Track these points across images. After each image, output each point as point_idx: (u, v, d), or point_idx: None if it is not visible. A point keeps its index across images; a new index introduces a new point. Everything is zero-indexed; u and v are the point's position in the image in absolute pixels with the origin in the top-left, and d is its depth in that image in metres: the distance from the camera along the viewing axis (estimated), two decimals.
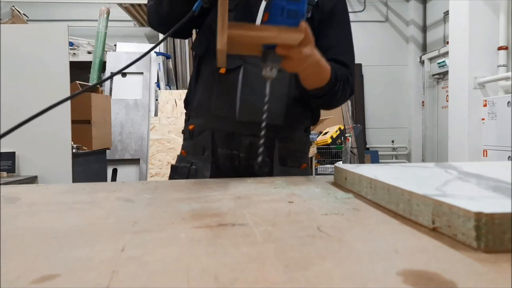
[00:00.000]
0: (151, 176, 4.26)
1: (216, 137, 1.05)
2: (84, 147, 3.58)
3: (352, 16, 7.04)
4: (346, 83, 1.01)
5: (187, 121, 1.15)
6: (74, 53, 5.58)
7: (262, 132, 0.81)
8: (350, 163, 4.72)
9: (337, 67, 0.99)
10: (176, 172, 1.08)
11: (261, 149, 0.82)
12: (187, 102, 1.16)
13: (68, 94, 2.94)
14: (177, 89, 5.45)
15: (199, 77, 1.11)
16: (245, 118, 1.01)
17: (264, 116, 0.81)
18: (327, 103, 1.05)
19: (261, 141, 0.81)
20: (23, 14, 5.11)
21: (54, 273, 0.33)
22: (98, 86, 4.70)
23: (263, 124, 0.81)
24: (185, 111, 1.17)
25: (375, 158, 6.61)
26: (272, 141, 1.04)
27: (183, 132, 1.16)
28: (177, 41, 5.60)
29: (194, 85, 1.13)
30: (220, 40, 0.72)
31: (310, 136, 1.17)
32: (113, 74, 0.78)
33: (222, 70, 1.02)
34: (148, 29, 6.58)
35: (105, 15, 5.46)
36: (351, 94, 1.07)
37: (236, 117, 1.01)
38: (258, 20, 1.03)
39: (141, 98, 5.08)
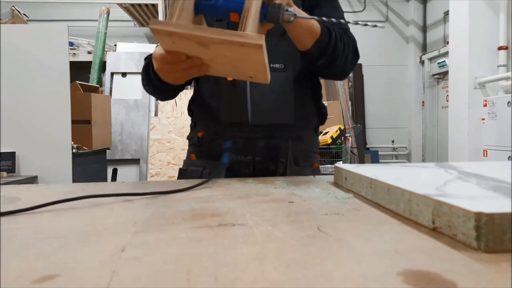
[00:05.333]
0: (151, 176, 4.26)
1: (227, 144, 1.03)
2: (84, 147, 3.58)
3: (352, 16, 7.08)
4: (344, 35, 0.98)
5: (194, 127, 1.13)
6: (74, 53, 5.58)
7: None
8: (350, 163, 4.71)
9: (327, 25, 0.95)
10: (185, 175, 1.07)
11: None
12: (191, 110, 1.14)
13: (68, 94, 2.94)
14: None
15: (201, 84, 1.10)
16: (258, 121, 1.00)
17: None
18: (333, 61, 0.96)
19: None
20: (23, 14, 5.11)
21: (54, 273, 0.33)
22: (98, 86, 4.71)
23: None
24: (190, 118, 1.16)
25: (375, 158, 6.60)
26: (285, 141, 1.04)
27: (188, 138, 1.15)
28: None
29: (198, 92, 1.11)
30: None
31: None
32: None
33: (230, 78, 1.00)
34: (148, 29, 6.57)
35: (105, 15, 5.46)
36: (356, 53, 1.03)
37: (248, 121, 1.00)
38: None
39: (141, 98, 5.08)
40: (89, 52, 5.67)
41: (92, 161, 3.71)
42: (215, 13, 0.74)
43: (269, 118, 1.00)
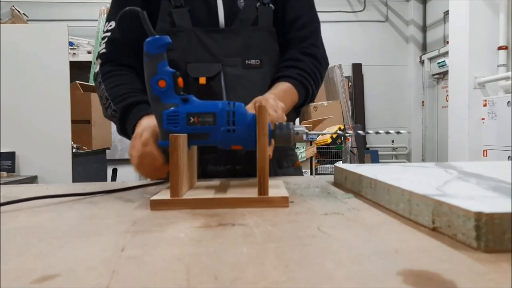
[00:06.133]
0: None
1: (205, 154, 0.94)
2: (84, 147, 3.58)
3: (352, 16, 7.09)
4: (315, 76, 0.98)
5: None
6: (74, 53, 5.57)
7: None
8: (350, 163, 4.72)
9: (298, 70, 0.95)
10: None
11: None
12: None
13: (68, 94, 2.94)
14: None
15: None
16: None
17: None
18: (311, 101, 1.03)
19: None
20: (23, 14, 5.10)
21: (54, 273, 0.33)
22: None
23: None
24: None
25: (375, 158, 6.60)
26: None
27: None
28: None
29: None
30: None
31: (310, 136, 1.15)
32: None
33: (202, 80, 0.91)
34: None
35: (105, 15, 5.46)
36: (326, 63, 1.04)
37: None
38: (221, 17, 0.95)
39: None
40: (89, 52, 5.66)
41: (92, 161, 3.71)
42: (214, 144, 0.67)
43: None
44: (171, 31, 0.92)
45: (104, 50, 0.97)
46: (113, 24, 0.97)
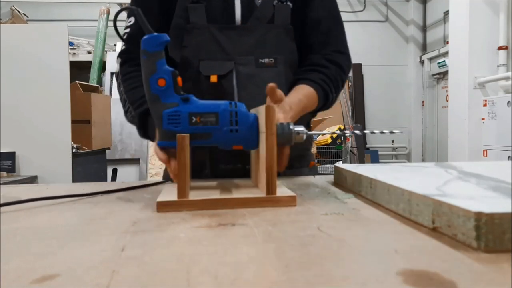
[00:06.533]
0: (151, 176, 4.25)
1: (215, 153, 0.93)
2: (84, 147, 3.58)
3: (352, 16, 7.08)
4: (336, 83, 0.98)
5: None
6: (74, 53, 5.58)
7: None
8: (350, 163, 4.71)
9: (322, 75, 0.94)
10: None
11: None
12: None
13: (68, 94, 2.94)
14: None
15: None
16: None
17: None
18: (331, 106, 1.01)
19: None
20: (23, 14, 5.10)
21: (54, 273, 0.33)
22: (98, 85, 4.70)
23: None
24: None
25: (375, 158, 6.59)
26: None
27: None
28: None
29: None
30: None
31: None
32: None
33: (213, 79, 0.89)
34: None
35: (105, 15, 5.46)
36: (349, 70, 1.03)
37: None
38: (238, 13, 0.94)
39: None
40: (89, 52, 5.67)
41: (92, 161, 3.71)
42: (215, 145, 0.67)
43: None
44: (185, 28, 0.90)
45: (124, 47, 0.97)
46: (132, 19, 0.95)
